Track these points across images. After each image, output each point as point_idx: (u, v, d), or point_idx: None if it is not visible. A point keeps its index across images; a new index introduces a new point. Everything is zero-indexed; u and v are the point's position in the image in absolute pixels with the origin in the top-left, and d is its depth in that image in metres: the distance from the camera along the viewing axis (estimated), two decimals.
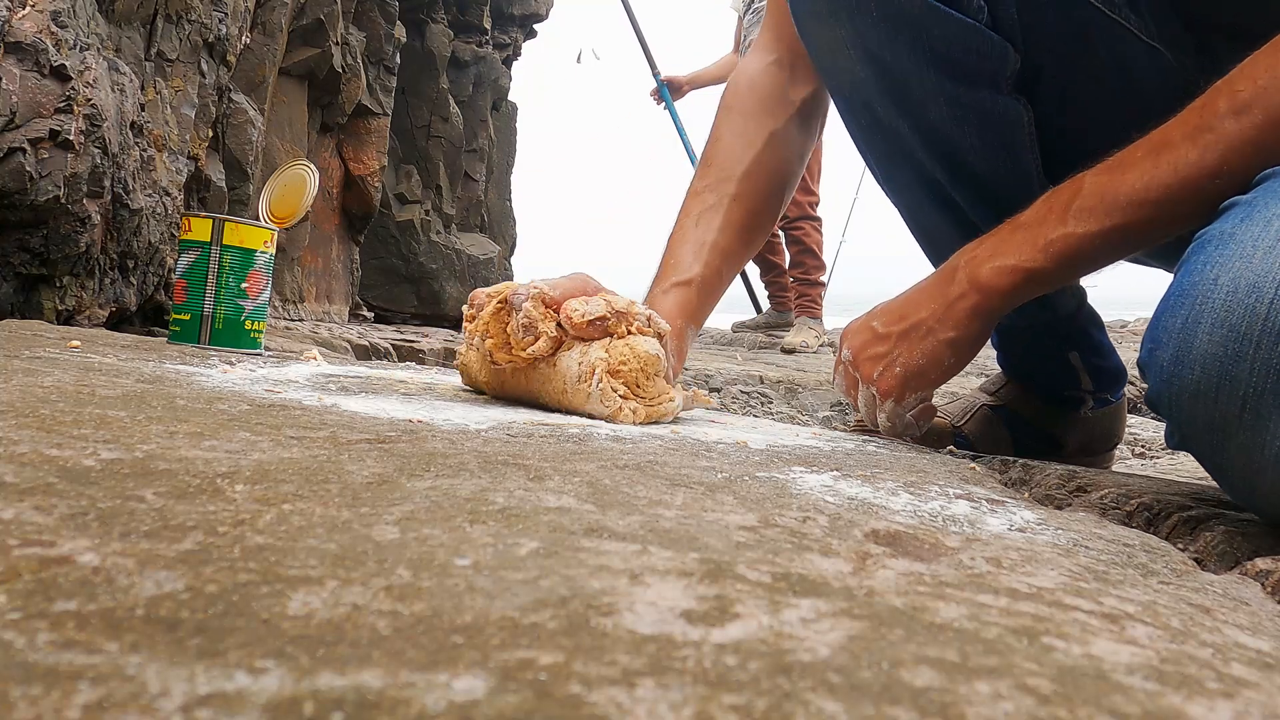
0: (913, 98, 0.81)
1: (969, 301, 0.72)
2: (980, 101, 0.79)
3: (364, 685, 0.18)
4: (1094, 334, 0.97)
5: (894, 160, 0.89)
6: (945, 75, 0.78)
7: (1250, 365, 0.48)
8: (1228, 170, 0.58)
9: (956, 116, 0.80)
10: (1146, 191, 0.62)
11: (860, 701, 0.20)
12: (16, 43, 1.10)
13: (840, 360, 0.83)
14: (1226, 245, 0.52)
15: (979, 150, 0.82)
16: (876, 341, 0.79)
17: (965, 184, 0.84)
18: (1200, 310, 0.51)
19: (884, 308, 0.81)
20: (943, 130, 0.82)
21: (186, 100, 1.59)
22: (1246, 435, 0.49)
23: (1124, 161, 0.64)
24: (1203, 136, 0.59)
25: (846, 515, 0.41)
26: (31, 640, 0.19)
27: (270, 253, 1.09)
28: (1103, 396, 0.98)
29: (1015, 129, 0.81)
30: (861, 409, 0.82)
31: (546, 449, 0.51)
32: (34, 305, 1.18)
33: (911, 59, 0.79)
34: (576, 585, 0.26)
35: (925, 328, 0.75)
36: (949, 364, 0.76)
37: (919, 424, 0.80)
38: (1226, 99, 0.59)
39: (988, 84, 0.78)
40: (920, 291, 0.78)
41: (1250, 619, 0.32)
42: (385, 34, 3.03)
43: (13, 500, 0.29)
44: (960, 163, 0.83)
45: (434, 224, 3.82)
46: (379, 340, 2.24)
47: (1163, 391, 0.53)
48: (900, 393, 0.77)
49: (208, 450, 0.40)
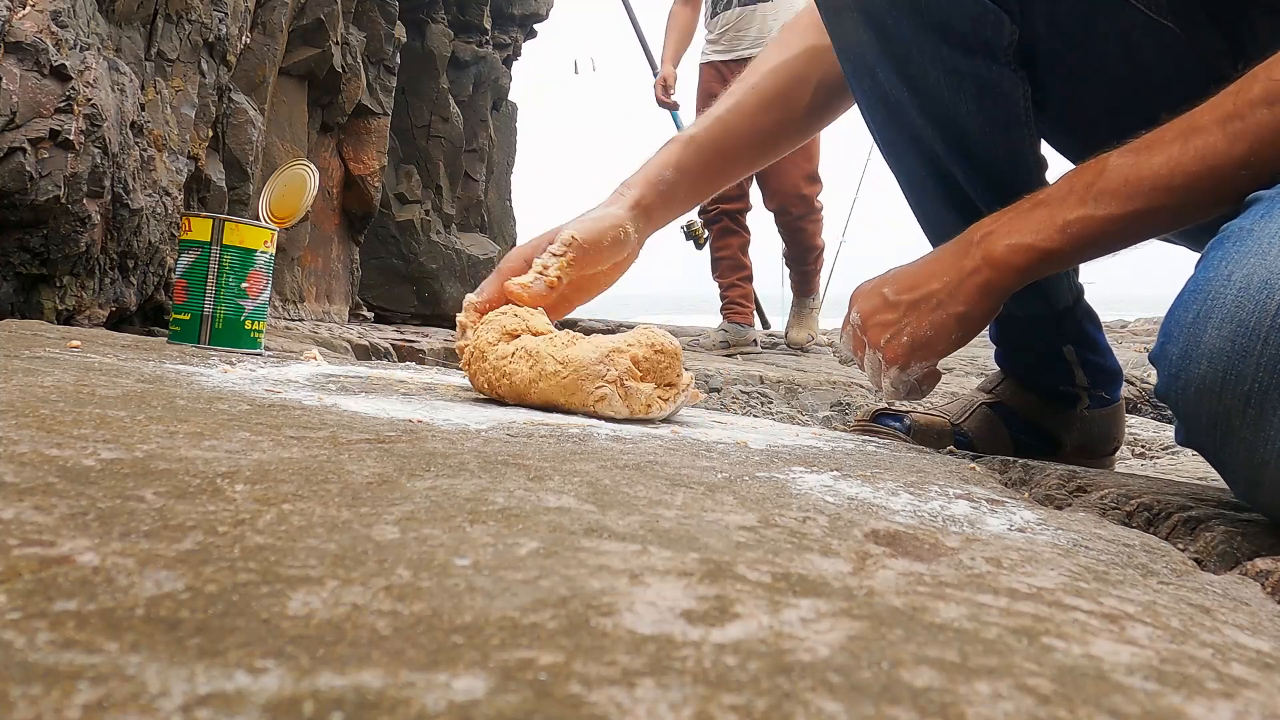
0: (912, 64, 0.82)
1: (982, 277, 0.72)
2: (977, 70, 0.80)
3: (364, 685, 0.18)
4: (1090, 330, 0.97)
5: (895, 129, 0.90)
6: (943, 42, 0.79)
7: (1257, 361, 0.48)
8: (1256, 161, 0.57)
9: (954, 84, 0.81)
10: (1171, 177, 0.61)
11: (860, 701, 0.20)
12: (17, 42, 1.10)
13: (849, 321, 0.84)
14: (1244, 241, 0.52)
15: (975, 120, 0.82)
16: (886, 308, 0.79)
17: (961, 156, 0.85)
18: (1211, 305, 0.51)
19: (896, 274, 0.81)
20: (941, 98, 0.82)
21: (186, 100, 1.59)
22: (1249, 431, 0.49)
23: (1151, 143, 0.63)
24: (1233, 124, 0.58)
25: (846, 515, 0.41)
26: (31, 640, 0.19)
27: (270, 253, 1.09)
28: (1099, 395, 0.98)
29: (1011, 101, 0.82)
30: (867, 371, 0.83)
31: (546, 449, 0.51)
32: (34, 305, 1.18)
33: (911, 24, 0.80)
34: (576, 585, 0.26)
35: (936, 300, 0.76)
36: (956, 337, 0.76)
37: (922, 388, 0.81)
38: (1262, 86, 0.57)
39: (984, 53, 0.79)
40: (934, 261, 0.78)
41: (1250, 619, 0.32)
42: (385, 34, 3.03)
43: (13, 500, 0.29)
44: (957, 133, 0.84)
45: (434, 224, 3.82)
46: (379, 340, 2.24)
47: (1171, 385, 0.53)
48: (906, 361, 0.78)
49: (208, 450, 0.40)
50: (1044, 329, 0.95)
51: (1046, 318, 0.94)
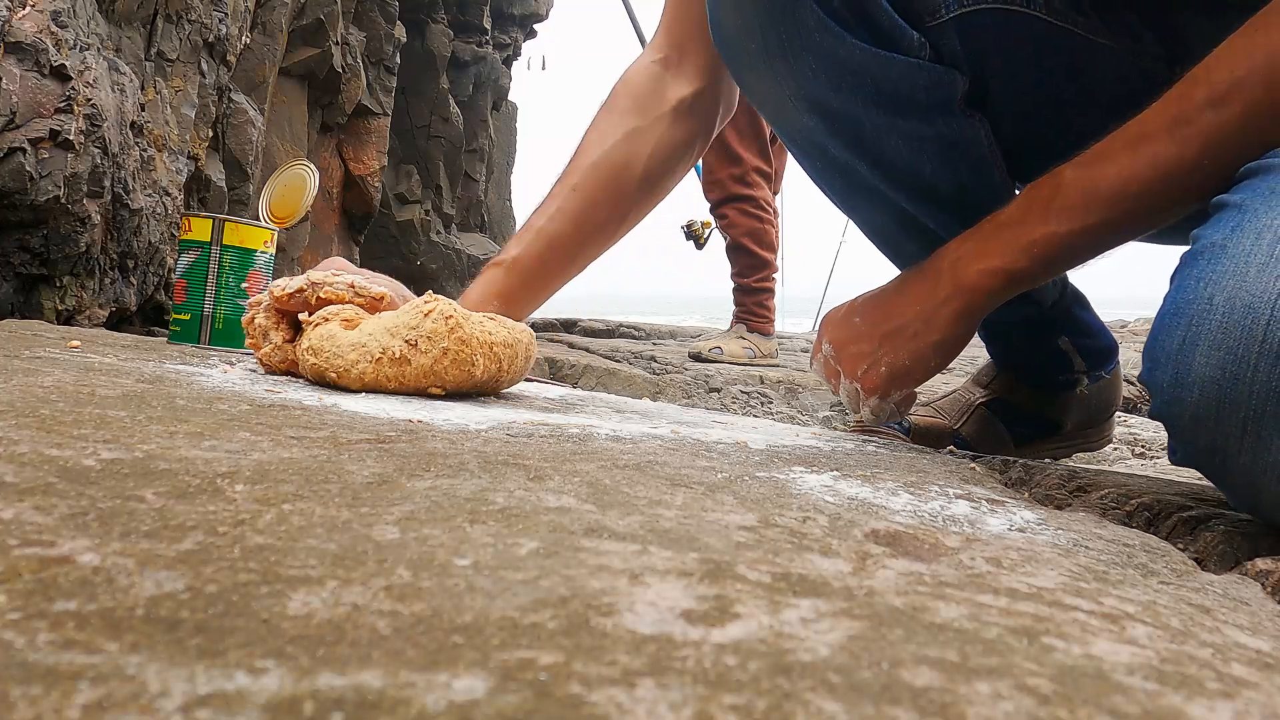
0: (866, 138, 0.79)
1: (955, 304, 0.72)
2: (938, 132, 0.78)
3: (364, 685, 0.18)
4: (1080, 315, 0.96)
5: (855, 194, 0.87)
6: (895, 114, 0.77)
7: (1249, 388, 0.47)
8: (1209, 163, 0.58)
9: (914, 149, 0.79)
10: (1126, 186, 0.61)
11: (860, 701, 0.20)
12: (17, 43, 1.10)
13: (820, 350, 0.84)
14: (1219, 260, 0.51)
15: (942, 174, 0.80)
16: (860, 339, 0.79)
17: (933, 206, 0.83)
18: (1197, 332, 0.50)
19: (867, 302, 0.80)
20: (901, 163, 0.80)
21: (186, 100, 1.59)
22: (1248, 457, 0.48)
23: (1102, 154, 0.63)
24: (1181, 130, 0.58)
25: (846, 515, 0.41)
26: (31, 640, 0.19)
27: (270, 253, 1.09)
28: (1097, 374, 0.98)
29: (975, 146, 0.80)
30: (843, 399, 0.83)
31: (546, 449, 0.51)
32: (34, 305, 1.18)
33: (858, 103, 0.77)
34: (576, 585, 0.26)
35: (911, 330, 0.75)
36: (934, 364, 0.76)
37: (901, 410, 0.81)
38: (1205, 89, 0.57)
39: (940, 111, 0.77)
40: (904, 289, 0.77)
41: (1250, 619, 0.32)
42: (385, 34, 3.03)
43: (13, 500, 0.29)
44: (924, 189, 0.82)
45: (434, 224, 3.82)
46: None
47: (1164, 412, 0.53)
48: (886, 390, 0.78)
49: (208, 450, 0.40)
50: (1037, 327, 0.95)
51: (1038, 316, 0.94)
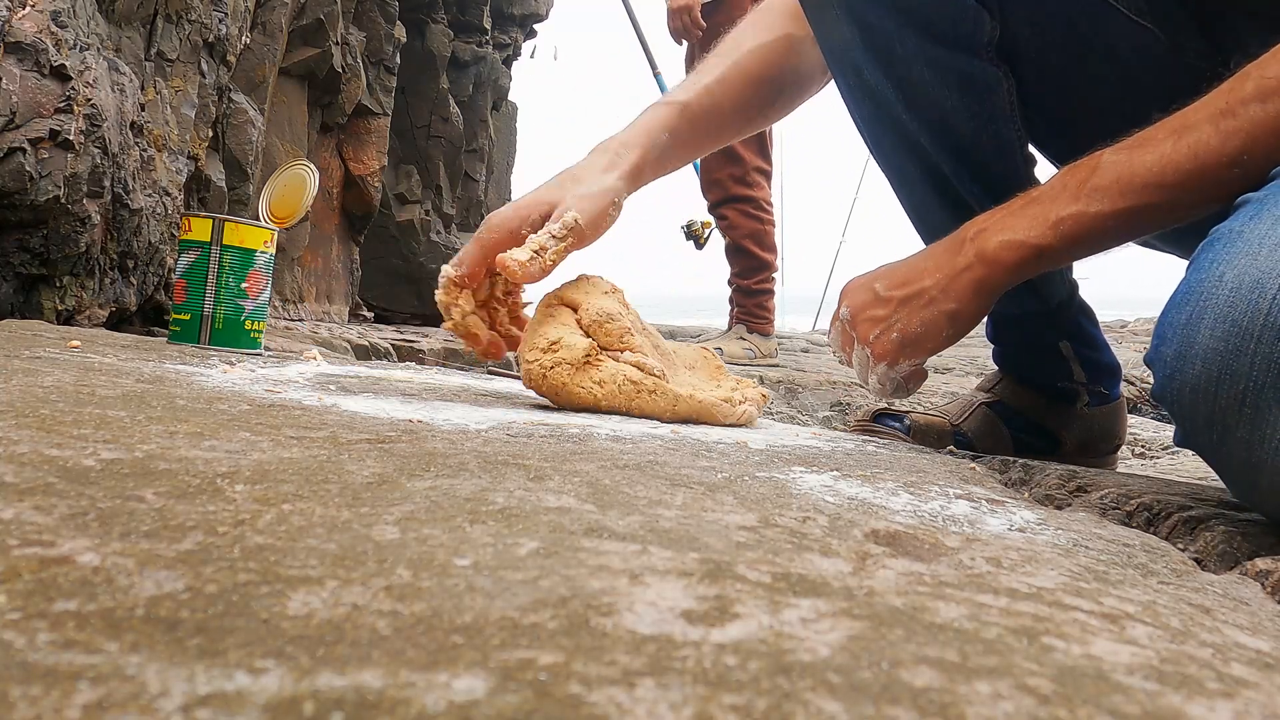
0: (896, 59, 0.83)
1: (974, 274, 0.72)
2: (960, 64, 0.82)
3: (364, 685, 0.18)
4: (1086, 326, 0.97)
5: (882, 124, 0.90)
6: (925, 37, 0.81)
7: (1250, 360, 0.48)
8: (1248, 158, 0.58)
9: (938, 78, 0.82)
10: (1163, 174, 0.61)
11: (860, 701, 0.20)
12: (16, 43, 1.10)
13: (838, 316, 0.84)
14: (1234, 243, 0.52)
15: (960, 114, 0.83)
16: (877, 304, 0.79)
17: (948, 149, 0.86)
18: (1204, 306, 0.51)
19: (888, 269, 0.81)
20: (926, 92, 0.83)
21: (186, 100, 1.59)
22: (1246, 430, 0.49)
23: (1144, 141, 0.63)
24: (1226, 121, 0.59)
25: (846, 515, 0.41)
26: (31, 640, 0.19)
27: (270, 253, 1.09)
28: (1098, 391, 0.98)
29: (994, 95, 0.83)
30: (854, 367, 0.83)
31: (546, 449, 0.51)
32: (34, 305, 1.18)
33: (893, 20, 0.81)
34: (576, 585, 0.26)
35: (928, 297, 0.75)
36: (946, 335, 0.76)
37: (908, 386, 0.81)
38: (1255, 84, 0.58)
39: (965, 48, 0.81)
40: (926, 258, 0.78)
41: (1250, 619, 0.32)
42: (385, 34, 3.03)
43: (13, 500, 0.29)
44: (943, 127, 0.85)
45: (434, 224, 3.81)
46: (379, 340, 2.24)
47: (1166, 386, 0.53)
48: (895, 358, 0.78)
49: (208, 450, 0.40)
50: (1039, 325, 0.95)
51: (1041, 314, 0.94)
